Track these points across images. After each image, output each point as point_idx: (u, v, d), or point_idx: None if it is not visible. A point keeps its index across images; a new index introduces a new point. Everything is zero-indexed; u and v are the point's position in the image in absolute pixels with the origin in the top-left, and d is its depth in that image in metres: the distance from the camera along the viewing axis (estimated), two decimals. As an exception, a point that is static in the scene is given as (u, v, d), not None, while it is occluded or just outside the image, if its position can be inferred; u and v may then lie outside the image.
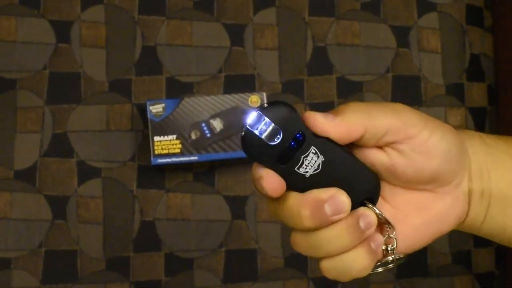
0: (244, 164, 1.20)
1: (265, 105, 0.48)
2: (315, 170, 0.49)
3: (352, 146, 0.51)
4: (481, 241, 1.25)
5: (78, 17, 1.21)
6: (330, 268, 0.50)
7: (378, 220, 0.51)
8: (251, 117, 0.47)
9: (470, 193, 0.53)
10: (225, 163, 1.18)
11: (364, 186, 0.50)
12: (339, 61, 1.25)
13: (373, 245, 0.50)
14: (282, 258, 1.20)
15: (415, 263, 1.23)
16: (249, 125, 0.48)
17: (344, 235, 0.49)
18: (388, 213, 0.52)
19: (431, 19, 1.28)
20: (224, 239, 1.19)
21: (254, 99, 1.15)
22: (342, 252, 0.50)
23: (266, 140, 0.47)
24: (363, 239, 0.50)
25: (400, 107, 0.50)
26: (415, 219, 0.52)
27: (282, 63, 1.24)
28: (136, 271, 1.17)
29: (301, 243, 0.51)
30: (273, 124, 0.47)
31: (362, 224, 0.49)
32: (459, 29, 1.29)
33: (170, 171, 1.19)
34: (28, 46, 1.19)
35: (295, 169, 0.48)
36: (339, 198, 0.48)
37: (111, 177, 1.18)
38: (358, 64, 1.25)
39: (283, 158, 0.48)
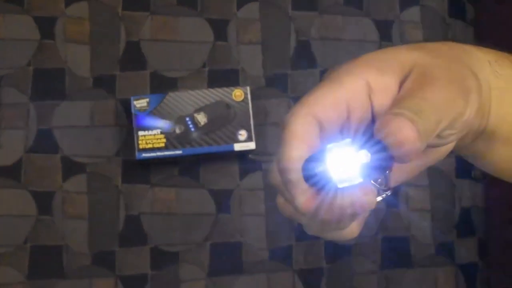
0: (228, 158, 1.21)
1: (366, 156, 0.39)
2: (349, 181, 0.40)
3: None
4: (464, 232, 1.27)
5: (62, 13, 1.22)
6: (316, 232, 0.45)
7: None
8: (340, 159, 0.39)
9: (467, 133, 0.49)
10: (210, 157, 1.19)
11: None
12: (322, 55, 1.25)
13: (364, 213, 0.44)
14: (267, 250, 1.21)
15: (399, 254, 1.24)
16: (330, 167, 0.39)
17: (347, 222, 0.43)
18: None
19: (413, 12, 1.29)
20: (209, 232, 1.20)
21: (238, 93, 1.16)
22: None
23: (338, 185, 0.40)
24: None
25: (451, 95, 0.42)
26: (412, 163, 0.45)
27: (265, 58, 1.25)
28: (122, 265, 1.18)
29: (291, 213, 0.44)
30: (359, 176, 0.39)
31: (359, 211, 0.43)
32: (442, 22, 1.30)
33: (155, 165, 1.20)
34: (12, 43, 1.20)
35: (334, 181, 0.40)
36: (368, 202, 0.40)
37: (96, 172, 1.19)
38: (341, 58, 1.26)
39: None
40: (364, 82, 0.42)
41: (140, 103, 1.15)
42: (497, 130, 0.51)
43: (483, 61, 0.49)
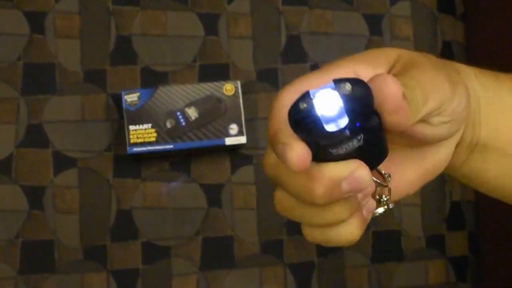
0: (219, 152, 1.21)
1: (347, 87, 0.39)
2: (346, 152, 0.40)
3: None
4: (454, 225, 1.28)
5: (52, 8, 1.21)
6: (317, 236, 0.45)
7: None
8: (322, 95, 0.38)
9: (460, 142, 0.50)
10: (201, 151, 1.19)
11: (374, 158, 0.42)
12: (312, 49, 1.26)
13: (365, 213, 0.45)
14: (259, 244, 1.21)
15: (389, 247, 1.25)
16: (314, 102, 0.39)
17: (344, 209, 0.43)
18: (383, 167, 0.47)
19: (403, 7, 1.30)
20: (200, 226, 1.20)
21: (229, 87, 1.16)
22: (334, 224, 0.44)
23: (325, 126, 0.39)
24: (358, 209, 0.44)
25: (438, 78, 0.44)
26: (408, 172, 0.48)
27: (256, 52, 1.25)
28: (114, 260, 1.18)
29: (288, 208, 0.44)
30: (344, 112, 0.39)
31: (360, 196, 0.44)
32: (431, 17, 1.31)
33: (146, 160, 1.20)
34: (2, 38, 1.19)
35: (329, 149, 0.40)
36: (360, 174, 0.40)
37: (87, 167, 1.19)
38: (331, 52, 1.26)
39: (327, 139, 0.40)
40: (352, 71, 0.44)
41: (131, 98, 1.15)
42: (490, 142, 0.51)
43: (469, 72, 0.51)
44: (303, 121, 0.39)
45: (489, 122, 0.51)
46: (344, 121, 0.39)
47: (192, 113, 1.15)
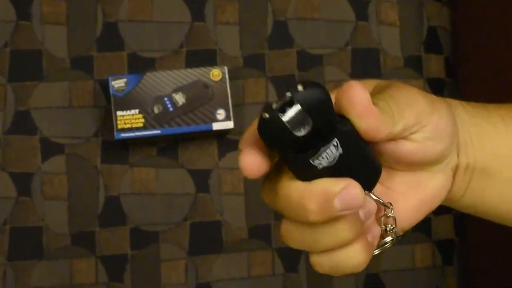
0: (207, 137, 1.21)
1: (299, 87, 0.40)
2: (330, 163, 0.42)
3: None
4: (440, 209, 1.28)
5: (38, -6, 1.21)
6: (324, 264, 0.46)
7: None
8: (280, 99, 0.40)
9: (456, 168, 0.51)
10: (188, 136, 1.19)
11: (367, 177, 0.45)
12: (299, 35, 1.26)
13: (369, 238, 0.47)
14: (247, 229, 1.22)
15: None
16: (276, 109, 0.40)
17: (345, 229, 0.44)
18: (383, 195, 0.49)
19: (389, -8, 1.31)
20: (188, 212, 1.20)
21: (216, 72, 1.17)
22: (339, 248, 0.45)
23: (292, 130, 0.40)
24: (361, 232, 0.45)
25: (411, 93, 0.46)
26: (410, 199, 0.49)
27: (243, 38, 1.25)
28: (102, 245, 1.18)
29: (294, 236, 0.45)
30: (300, 109, 0.40)
31: (361, 214, 0.45)
32: (417, 2, 1.31)
33: (133, 146, 1.20)
34: (-12, 24, 1.19)
35: (310, 160, 0.41)
36: (353, 191, 0.42)
37: (75, 153, 1.19)
38: (318, 38, 1.27)
39: (301, 148, 0.41)
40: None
41: (118, 83, 1.15)
42: (490, 168, 0.52)
43: (455, 102, 0.52)
44: (271, 130, 0.40)
45: (484, 147, 0.51)
46: (309, 123, 0.40)
47: (180, 98, 1.16)
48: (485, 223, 1.23)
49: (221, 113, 1.16)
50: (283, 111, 0.40)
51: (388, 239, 0.49)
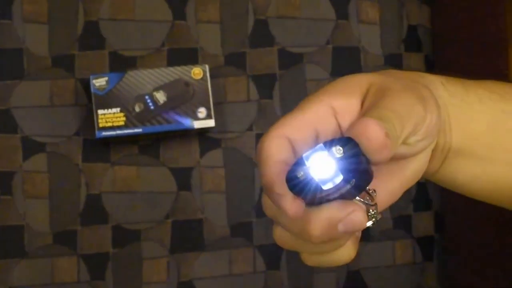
0: (188, 136, 1.22)
1: (339, 151, 0.41)
2: (341, 195, 0.42)
3: None
4: (420, 206, 1.30)
5: (19, -7, 1.21)
6: (315, 260, 0.47)
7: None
8: (316, 160, 0.41)
9: (435, 149, 0.52)
10: (170, 135, 1.20)
11: (361, 183, 0.44)
12: (280, 34, 1.27)
13: (357, 233, 0.47)
14: (228, 227, 1.22)
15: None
16: (312, 171, 0.41)
17: (342, 241, 0.45)
18: None
19: (369, -9, 1.31)
20: (170, 210, 1.21)
21: (197, 71, 1.17)
22: (333, 251, 0.46)
23: (322, 186, 0.41)
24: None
25: (410, 102, 0.46)
26: (391, 183, 0.50)
27: (224, 36, 1.26)
28: (84, 244, 1.18)
29: (287, 242, 0.46)
30: (339, 173, 0.41)
31: (357, 233, 0.47)
32: (397, 1, 1.32)
33: (115, 144, 1.20)
34: (-32, 23, 1.19)
35: (326, 196, 0.42)
36: (357, 217, 0.42)
37: (56, 151, 1.19)
38: (298, 36, 1.27)
39: (325, 194, 0.42)
40: (328, 106, 0.46)
41: (99, 82, 1.15)
42: (464, 147, 0.53)
43: (436, 81, 0.53)
44: (301, 185, 0.41)
45: (460, 127, 0.52)
46: (339, 178, 0.41)
47: (161, 97, 1.16)
48: (465, 219, 1.24)
49: (202, 111, 1.16)
50: (316, 168, 0.41)
51: (369, 223, 0.49)
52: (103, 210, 1.19)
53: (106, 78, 1.15)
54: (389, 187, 0.50)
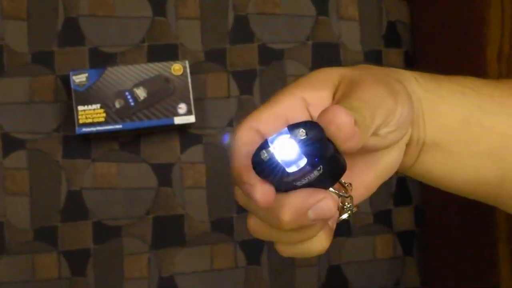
0: (168, 132, 1.22)
1: (301, 133, 0.41)
2: (310, 182, 0.43)
3: None
4: (400, 201, 1.31)
5: (-2, -11, 1.21)
6: (289, 251, 0.47)
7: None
8: (280, 143, 0.41)
9: (409, 143, 0.53)
10: (150, 131, 1.20)
11: (333, 174, 0.45)
12: (260, 30, 1.27)
13: (331, 223, 0.48)
14: (209, 222, 1.23)
15: (338, 224, 1.27)
16: (276, 153, 0.42)
17: (314, 230, 0.45)
18: (342, 177, 0.49)
19: (349, -12, 1.32)
20: (151, 206, 1.21)
21: (177, 67, 1.17)
22: (306, 241, 0.47)
23: (286, 168, 0.42)
24: (326, 223, 0.47)
25: (381, 94, 0.46)
26: (366, 176, 0.50)
27: (204, 33, 1.26)
28: (65, 240, 1.18)
29: (261, 231, 0.47)
30: (300, 153, 0.41)
31: (330, 222, 0.48)
32: (376, -3, 1.33)
33: (95, 140, 1.20)
34: None
35: (294, 183, 0.43)
36: (327, 204, 0.43)
37: (36, 148, 1.19)
38: (279, 32, 1.28)
39: (289, 175, 0.43)
40: (300, 98, 0.47)
41: (79, 78, 1.15)
42: (438, 141, 0.54)
43: (409, 76, 0.54)
44: (266, 167, 0.42)
45: (433, 121, 0.53)
46: (303, 161, 0.41)
47: (141, 93, 1.16)
48: (446, 214, 1.25)
49: (182, 107, 1.17)
50: (280, 150, 0.41)
51: (345, 216, 0.50)
52: (83, 207, 1.19)
53: (86, 75, 1.15)
54: (364, 180, 0.51)
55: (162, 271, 1.21)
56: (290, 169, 0.42)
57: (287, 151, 0.41)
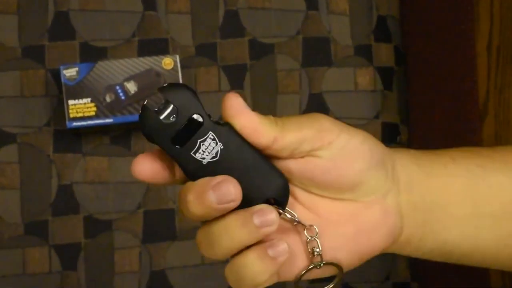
0: (159, 126, 1.22)
1: (165, 85, 0.47)
2: (213, 157, 0.47)
3: (267, 152, 0.49)
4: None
5: (-12, -17, 1.21)
6: (228, 272, 0.48)
7: (296, 224, 0.49)
8: (150, 97, 0.48)
9: (400, 207, 0.51)
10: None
11: (269, 186, 0.48)
12: (250, 24, 1.28)
13: (270, 252, 0.46)
14: (200, 216, 1.23)
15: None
16: (147, 104, 0.47)
17: (235, 229, 0.46)
18: (313, 222, 0.49)
19: (339, -18, 1.33)
20: (142, 200, 1.21)
21: (168, 61, 1.18)
22: (238, 253, 0.47)
23: (162, 120, 0.46)
24: (259, 239, 0.46)
25: (314, 117, 0.48)
26: (344, 229, 0.50)
27: (194, 27, 1.26)
28: (55, 234, 1.18)
29: (200, 239, 0.50)
30: (171, 104, 0.46)
31: (256, 220, 0.45)
32: (367, -8, 1.34)
33: (86, 135, 1.20)
34: None
35: (191, 153, 0.47)
36: (226, 185, 0.45)
37: (27, 142, 1.19)
38: (269, 27, 1.28)
39: (179, 140, 0.46)
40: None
41: (69, 72, 1.15)
42: (445, 206, 0.52)
43: (401, 150, 0.53)
44: (147, 126, 0.47)
45: (433, 185, 0.52)
46: (175, 112, 0.47)
47: (131, 87, 1.16)
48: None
49: (173, 102, 1.17)
50: (154, 106, 0.47)
51: (316, 262, 0.49)
52: (74, 201, 1.19)
53: (77, 69, 1.15)
54: (342, 233, 0.49)
55: (153, 265, 1.21)
56: (166, 120, 0.47)
57: (157, 101, 0.48)
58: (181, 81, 1.17)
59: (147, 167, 0.48)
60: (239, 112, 0.47)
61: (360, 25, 1.32)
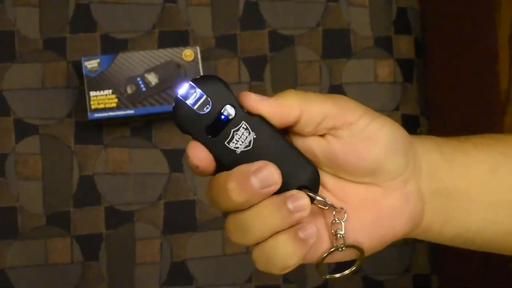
0: (180, 117, 1.22)
1: (198, 77, 0.48)
2: (246, 146, 0.48)
3: (291, 135, 0.50)
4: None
5: (10, -24, 1.22)
6: (258, 256, 0.48)
7: (324, 209, 0.50)
8: (183, 88, 0.48)
9: (421, 193, 0.51)
10: (162, 117, 1.20)
11: (300, 173, 0.49)
12: (270, 16, 1.28)
13: (301, 234, 0.47)
14: (220, 208, 1.23)
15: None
16: (181, 95, 0.48)
17: (269, 215, 0.47)
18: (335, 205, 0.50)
19: (359, -26, 1.32)
20: (162, 191, 1.22)
21: (188, 53, 1.18)
22: (269, 237, 0.47)
23: (196, 110, 0.47)
24: (292, 224, 0.47)
25: (339, 96, 0.49)
26: (364, 214, 0.50)
27: (215, 19, 1.26)
28: (77, 225, 1.19)
29: (231, 226, 0.49)
30: (204, 95, 0.47)
31: (290, 205, 0.46)
32: (386, -17, 1.33)
33: (107, 126, 1.21)
34: (-40, 6, 1.19)
35: (225, 143, 0.48)
36: (267, 169, 0.46)
37: (49, 133, 1.19)
38: (289, 19, 1.28)
39: (213, 130, 0.48)
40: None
41: (91, 64, 1.16)
42: (468, 193, 0.52)
43: (424, 137, 0.54)
44: (181, 117, 0.48)
45: (456, 172, 0.52)
46: (210, 103, 0.48)
47: (152, 78, 1.17)
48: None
49: (193, 93, 1.17)
50: (187, 97, 0.48)
51: (338, 245, 0.50)
52: (96, 192, 1.20)
53: (98, 60, 1.16)
54: (363, 217, 0.50)
55: (173, 256, 1.21)
56: (200, 111, 0.48)
57: (189, 93, 0.48)
58: (201, 73, 1.18)
59: (201, 153, 0.48)
60: (260, 103, 0.48)
61: (380, 17, 1.32)
